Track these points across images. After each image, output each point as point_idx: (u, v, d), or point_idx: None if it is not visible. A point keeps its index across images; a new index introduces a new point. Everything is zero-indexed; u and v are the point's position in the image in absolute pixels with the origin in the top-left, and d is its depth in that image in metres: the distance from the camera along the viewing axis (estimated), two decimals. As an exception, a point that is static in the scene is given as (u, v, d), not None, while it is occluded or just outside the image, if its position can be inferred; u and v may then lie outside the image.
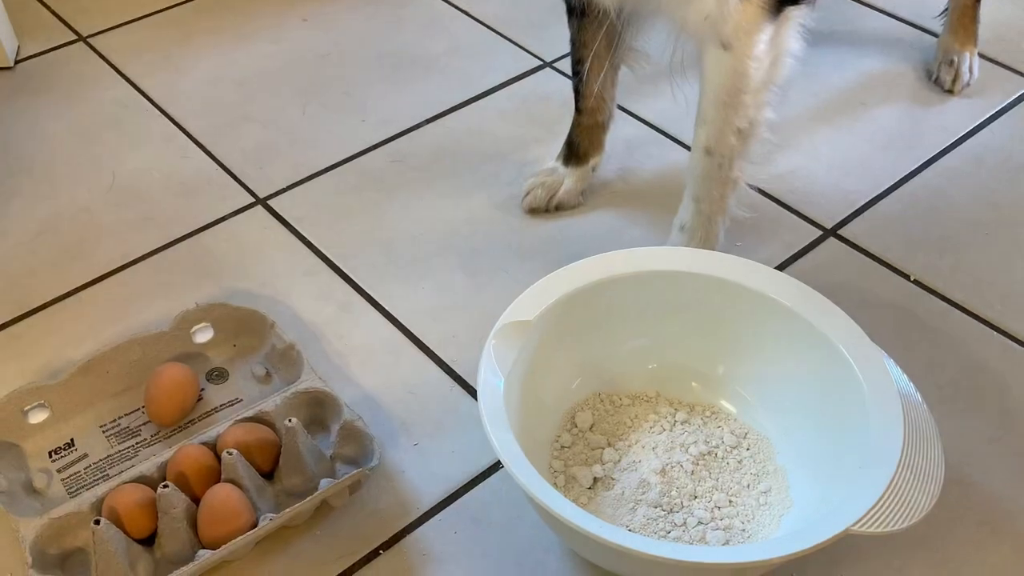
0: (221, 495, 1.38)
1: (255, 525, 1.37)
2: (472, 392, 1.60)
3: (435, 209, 1.93)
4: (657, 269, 1.50)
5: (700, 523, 1.37)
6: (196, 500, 1.39)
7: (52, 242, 1.86)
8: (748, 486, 1.42)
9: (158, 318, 1.70)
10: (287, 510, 1.37)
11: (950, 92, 2.21)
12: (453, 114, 2.17)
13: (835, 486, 1.31)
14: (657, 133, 2.11)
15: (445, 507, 1.46)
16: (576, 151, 1.92)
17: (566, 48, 1.86)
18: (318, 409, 1.54)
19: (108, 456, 1.51)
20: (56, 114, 2.16)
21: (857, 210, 1.93)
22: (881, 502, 1.21)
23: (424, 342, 1.69)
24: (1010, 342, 1.68)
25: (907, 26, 2.42)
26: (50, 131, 2.11)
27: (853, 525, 1.19)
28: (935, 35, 2.32)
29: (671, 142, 2.09)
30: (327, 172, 2.02)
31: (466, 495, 1.47)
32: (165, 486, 1.35)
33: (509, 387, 1.35)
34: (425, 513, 1.45)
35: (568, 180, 1.92)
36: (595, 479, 1.43)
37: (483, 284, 1.78)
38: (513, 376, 1.37)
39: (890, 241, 1.86)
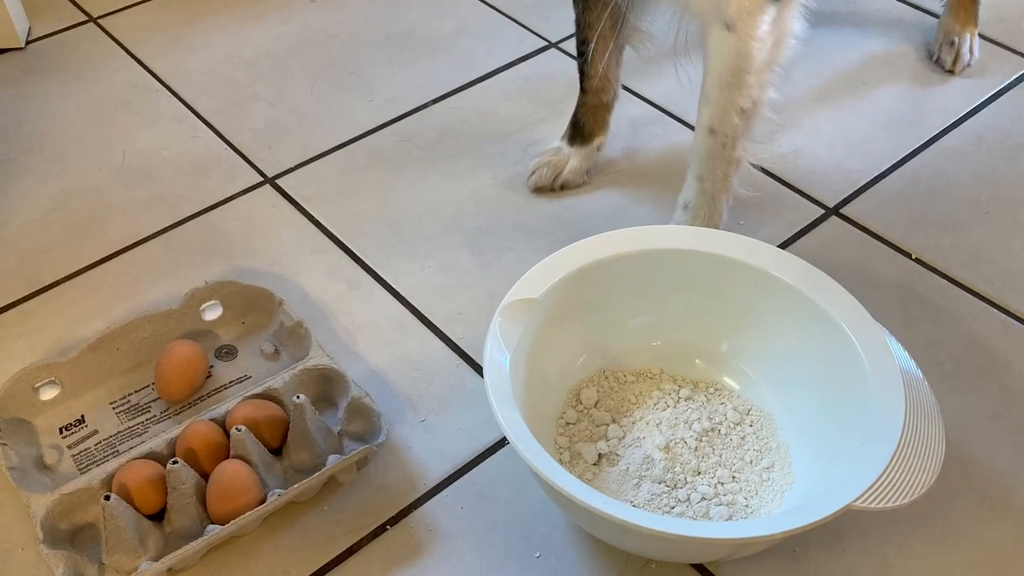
0: (230, 471, 1.38)
1: (263, 501, 1.38)
2: (478, 369, 1.61)
3: (441, 188, 1.94)
4: (661, 247, 1.51)
5: (704, 499, 1.38)
6: (205, 476, 1.40)
7: (63, 220, 1.87)
8: (751, 462, 1.43)
9: (168, 296, 1.71)
10: (295, 486, 1.38)
11: (951, 72, 2.22)
12: (459, 94, 2.18)
13: (837, 462, 1.32)
14: (661, 113, 2.12)
15: (451, 483, 1.47)
16: (581, 131, 1.93)
17: (571, 29, 1.87)
18: (326, 386, 1.55)
19: (118, 432, 1.52)
20: (67, 94, 2.17)
21: (859, 189, 1.93)
22: (882, 478, 1.22)
23: (431, 320, 1.70)
24: (1010, 319, 1.69)
25: (908, 7, 2.42)
26: (61, 111, 2.12)
27: (855, 501, 1.19)
28: (936, 16, 2.33)
29: (675, 122, 2.10)
30: (335, 151, 2.03)
31: (472, 471, 1.48)
32: (175, 462, 1.36)
33: (514, 364, 1.36)
34: (432, 489, 1.46)
35: (573, 159, 1.92)
36: (600, 455, 1.44)
37: (489, 262, 1.79)
38: (518, 353, 1.38)
39: (891, 219, 1.87)
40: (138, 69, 2.24)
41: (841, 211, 1.88)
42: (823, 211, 1.88)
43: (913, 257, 1.79)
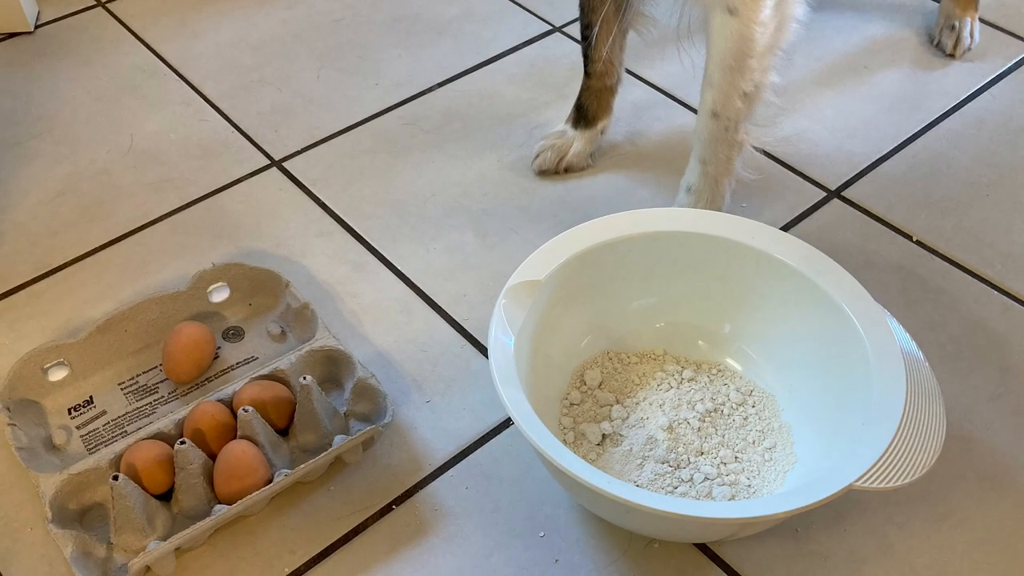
0: (237, 451, 1.39)
1: (270, 481, 1.38)
2: (483, 350, 1.62)
3: (447, 171, 1.94)
4: (664, 230, 1.51)
5: (706, 479, 1.39)
6: (212, 456, 1.41)
7: (72, 203, 1.88)
8: (753, 443, 1.44)
9: (175, 278, 1.72)
10: (302, 466, 1.38)
11: (951, 56, 2.22)
12: (465, 78, 2.18)
13: (839, 442, 1.33)
14: (664, 96, 2.13)
15: (457, 463, 1.47)
16: (585, 114, 1.93)
17: (575, 13, 1.88)
18: (332, 367, 1.56)
19: (126, 413, 1.53)
20: (76, 78, 2.18)
21: (860, 172, 1.94)
22: (884, 458, 1.22)
23: (436, 301, 1.70)
24: (1010, 301, 1.70)
25: (911, -9, 2.43)
26: (70, 94, 2.13)
27: (856, 481, 1.20)
28: (937, 0, 2.33)
29: (678, 105, 2.10)
30: (341, 135, 2.03)
31: (477, 451, 1.49)
32: (182, 442, 1.36)
33: (519, 345, 1.36)
34: (437, 469, 1.47)
35: (577, 143, 1.93)
36: (604, 436, 1.45)
37: (493, 244, 1.80)
38: (523, 334, 1.39)
39: (893, 202, 1.87)
40: (146, 53, 2.25)
41: (843, 194, 1.89)
42: (825, 194, 1.89)
43: (914, 239, 1.80)
